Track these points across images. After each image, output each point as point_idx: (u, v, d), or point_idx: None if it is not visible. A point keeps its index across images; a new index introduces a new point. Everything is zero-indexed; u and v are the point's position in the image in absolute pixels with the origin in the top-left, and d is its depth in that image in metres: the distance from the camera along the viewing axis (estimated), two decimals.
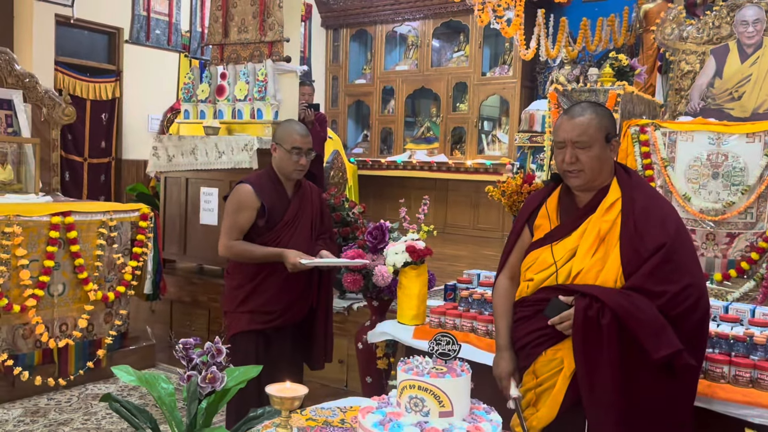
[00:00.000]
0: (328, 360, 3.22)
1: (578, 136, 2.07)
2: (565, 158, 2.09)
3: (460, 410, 1.68)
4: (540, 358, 2.10)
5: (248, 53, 5.37)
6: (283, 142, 2.93)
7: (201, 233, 5.23)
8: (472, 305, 2.98)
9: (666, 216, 2.06)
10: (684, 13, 5.53)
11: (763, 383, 2.30)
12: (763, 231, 4.22)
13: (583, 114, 2.10)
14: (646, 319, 1.92)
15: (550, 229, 2.17)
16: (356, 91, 10.12)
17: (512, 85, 8.72)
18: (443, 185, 8.98)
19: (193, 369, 2.11)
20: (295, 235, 2.99)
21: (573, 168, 2.09)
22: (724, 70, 5.20)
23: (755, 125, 4.40)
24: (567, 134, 2.09)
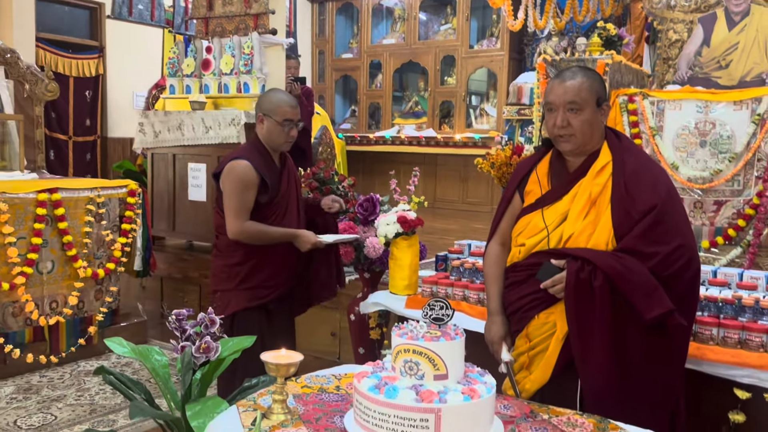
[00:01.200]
0: (342, 285, 3.24)
1: (570, 99, 2.06)
2: (556, 122, 2.09)
3: (455, 373, 1.70)
4: (533, 321, 2.11)
5: (233, 26, 5.31)
6: (273, 114, 2.88)
7: (190, 209, 5.20)
8: (464, 274, 2.99)
9: (657, 178, 2.07)
10: None
11: (750, 344, 2.33)
12: (749, 198, 4.25)
13: (574, 77, 2.10)
14: (637, 281, 1.93)
15: (540, 194, 2.18)
16: (343, 66, 10.03)
17: (500, 57, 8.67)
18: (432, 160, 8.96)
19: (186, 340, 2.12)
20: (288, 208, 2.98)
21: (564, 132, 2.09)
22: (712, 38, 5.19)
23: (742, 93, 4.41)
24: (558, 97, 2.08)
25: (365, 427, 1.66)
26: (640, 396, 1.98)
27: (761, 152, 4.20)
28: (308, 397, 1.93)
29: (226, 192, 2.88)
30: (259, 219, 2.89)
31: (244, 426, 1.74)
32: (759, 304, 2.42)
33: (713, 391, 2.34)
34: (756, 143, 4.22)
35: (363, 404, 1.67)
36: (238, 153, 2.93)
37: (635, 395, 1.98)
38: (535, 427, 1.76)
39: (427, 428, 1.59)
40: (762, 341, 2.32)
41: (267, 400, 1.87)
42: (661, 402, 2.03)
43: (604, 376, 1.97)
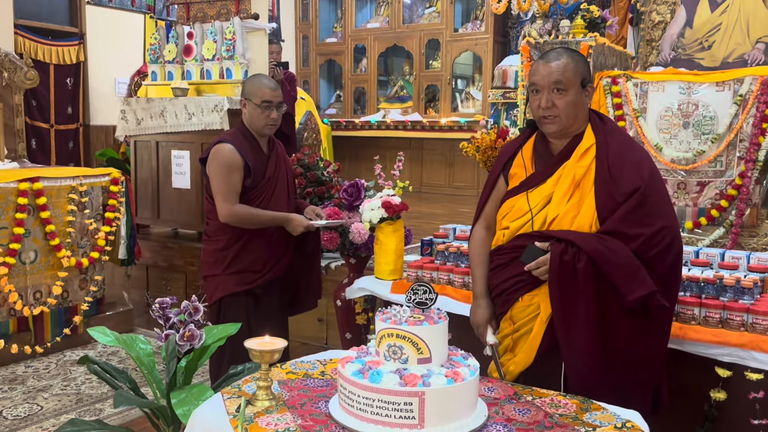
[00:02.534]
0: (320, 296, 3.25)
1: (555, 80, 2.06)
2: (540, 103, 2.08)
3: (438, 356, 1.70)
4: (517, 303, 2.12)
5: (215, 11, 5.25)
6: (253, 96, 2.87)
7: (174, 197, 5.17)
8: (449, 258, 3.00)
9: (640, 160, 2.08)
10: None
11: (732, 323, 2.36)
12: (732, 179, 4.28)
13: (559, 58, 2.09)
14: (620, 263, 1.95)
15: (525, 177, 2.18)
16: (327, 50, 9.97)
17: (485, 40, 8.65)
18: (418, 144, 8.96)
19: (170, 328, 2.11)
20: (276, 193, 2.97)
21: (549, 113, 2.08)
22: (695, 19, 5.21)
23: (724, 74, 4.42)
24: (543, 78, 2.08)
25: (350, 412, 1.67)
26: (623, 376, 2.00)
27: (743, 133, 4.22)
28: (293, 383, 1.93)
29: (212, 176, 2.88)
30: (245, 203, 2.89)
31: (229, 413, 1.74)
32: (740, 284, 2.44)
33: (695, 370, 2.37)
34: (738, 124, 4.24)
35: (347, 389, 1.67)
36: (223, 137, 2.92)
37: (619, 376, 2.00)
38: (519, 409, 1.77)
39: (411, 412, 1.60)
40: (742, 320, 2.34)
41: (252, 387, 1.87)
42: (644, 382, 2.05)
43: (588, 356, 1.98)
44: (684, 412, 2.36)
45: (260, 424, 1.66)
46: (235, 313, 2.86)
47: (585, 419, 1.72)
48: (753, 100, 4.19)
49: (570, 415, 1.74)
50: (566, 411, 1.77)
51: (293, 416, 1.71)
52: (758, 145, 4.16)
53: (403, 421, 1.60)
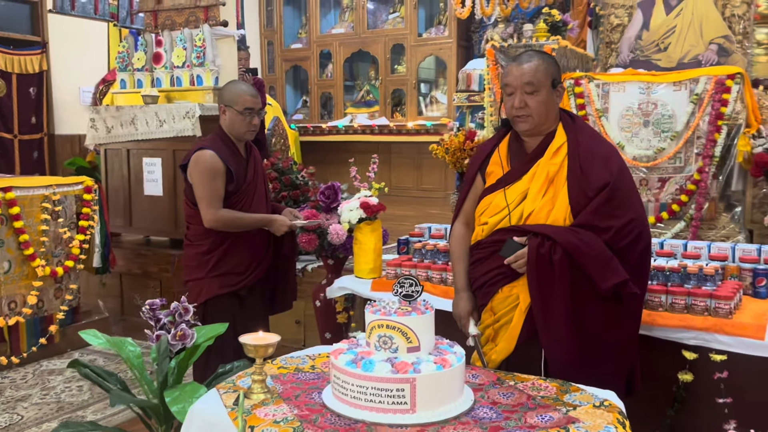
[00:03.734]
0: (295, 298, 3.32)
1: (526, 81, 2.17)
2: (514, 103, 2.20)
3: (426, 345, 1.79)
4: (497, 295, 2.22)
5: (183, 19, 5.28)
6: (234, 103, 2.93)
7: (146, 204, 5.17)
8: (426, 256, 3.10)
9: (608, 156, 2.20)
10: None
11: (696, 308, 2.50)
12: (690, 174, 4.47)
13: (530, 60, 2.21)
14: (594, 254, 2.06)
15: (501, 174, 2.28)
16: (293, 56, 10.01)
17: (448, 45, 8.79)
18: (386, 148, 9.04)
19: (161, 329, 2.16)
20: (256, 196, 3.03)
21: (522, 113, 2.19)
22: (651, 22, 5.41)
23: (681, 74, 4.62)
24: (515, 79, 2.19)
25: (344, 400, 1.75)
26: (599, 361, 2.12)
27: (700, 130, 4.42)
28: (285, 377, 2.00)
29: (195, 182, 2.92)
30: (228, 206, 2.94)
31: (227, 406, 1.80)
32: (702, 272, 2.59)
33: (663, 354, 2.50)
34: (695, 122, 4.44)
35: (341, 379, 1.75)
36: (203, 143, 2.97)
37: (595, 361, 2.11)
38: (502, 393, 1.87)
39: (403, 397, 1.68)
40: (706, 305, 2.48)
41: (246, 382, 1.94)
42: (619, 366, 2.17)
43: (566, 343, 2.09)
44: (655, 395, 2.49)
45: (258, 415, 1.73)
46: (220, 315, 2.90)
47: (565, 400, 1.82)
48: (708, 98, 4.38)
49: (551, 396, 1.85)
50: (547, 393, 1.87)
51: (289, 407, 1.78)
52: (714, 141, 4.36)
53: (395, 406, 1.68)
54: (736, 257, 2.85)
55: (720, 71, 4.46)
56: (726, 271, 2.74)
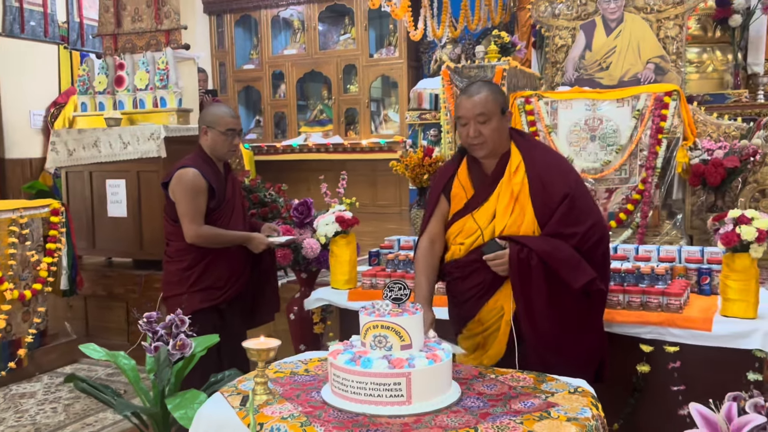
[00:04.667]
0: (278, 309, 3.43)
1: (479, 112, 2.37)
2: (469, 133, 2.39)
3: (417, 343, 1.96)
4: (484, 307, 2.42)
5: (144, 42, 5.35)
6: (216, 125, 3.05)
7: (110, 226, 5.19)
8: (398, 266, 3.27)
9: (564, 169, 2.43)
10: None
11: (650, 305, 2.74)
12: (635, 185, 4.79)
13: (479, 92, 2.40)
14: (564, 258, 2.28)
15: (467, 197, 2.46)
16: (245, 77, 10.12)
17: (399, 65, 9.06)
18: (340, 166, 9.14)
19: (158, 340, 2.27)
20: (234, 213, 3.15)
21: (477, 141, 2.39)
22: (593, 43, 5.76)
23: (623, 91, 4.95)
24: (468, 111, 2.39)
25: (344, 396, 1.89)
26: (574, 352, 2.33)
27: (642, 143, 4.74)
28: (283, 380, 2.14)
29: (178, 199, 3.02)
30: (209, 223, 3.04)
31: (234, 407, 1.92)
32: (654, 272, 2.84)
33: (623, 348, 2.72)
34: (637, 136, 4.77)
35: (341, 377, 1.90)
36: (185, 162, 3.07)
37: (571, 352, 2.33)
38: (486, 385, 2.05)
39: (400, 390, 1.84)
40: (659, 302, 2.73)
41: (247, 386, 2.06)
42: (591, 354, 2.40)
43: (547, 334, 2.31)
44: (616, 385, 2.70)
45: (266, 413, 1.86)
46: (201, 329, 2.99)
47: (543, 388, 2.01)
48: (648, 114, 4.72)
49: (530, 386, 2.04)
50: (526, 383, 2.06)
51: (293, 405, 1.91)
52: (656, 153, 4.69)
53: (393, 399, 1.84)
54: (682, 258, 3.12)
55: (658, 89, 4.81)
56: (674, 271, 3.00)
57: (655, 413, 2.71)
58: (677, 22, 5.51)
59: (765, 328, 2.55)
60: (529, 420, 1.77)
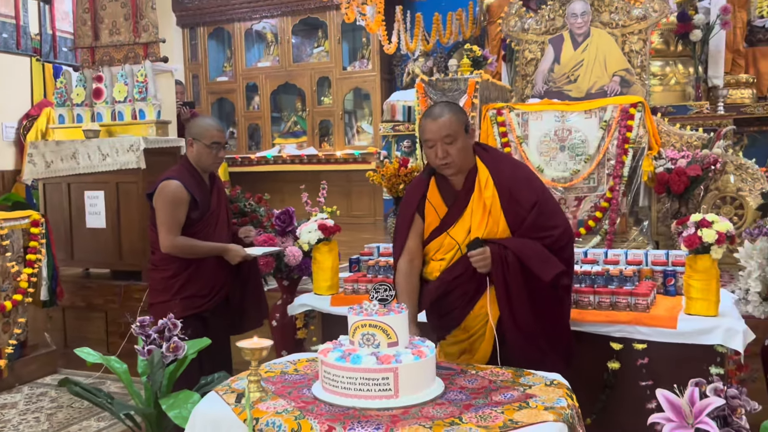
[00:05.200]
0: (266, 315, 3.50)
1: (444, 134, 2.47)
2: (437, 154, 2.49)
3: (403, 340, 2.07)
4: (469, 315, 2.55)
5: (122, 55, 5.41)
6: (202, 137, 3.13)
7: (89, 237, 5.21)
8: (379, 271, 3.38)
9: (530, 178, 2.58)
10: (524, 8, 6.25)
11: (619, 305, 2.89)
12: (603, 193, 4.98)
13: (442, 115, 2.50)
14: (534, 253, 2.44)
15: (440, 215, 2.58)
16: (218, 89, 10.18)
17: (372, 77, 9.21)
18: (315, 177, 9.28)
19: (151, 344, 2.34)
20: (218, 224, 3.23)
21: (445, 161, 2.50)
22: (561, 56, 5.98)
23: (591, 103, 5.15)
24: (434, 134, 2.49)
25: (335, 392, 2.00)
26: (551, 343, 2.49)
27: (609, 153, 4.94)
28: (274, 379, 2.23)
29: (158, 209, 3.09)
30: (191, 234, 3.11)
31: (229, 404, 2.01)
32: (623, 274, 2.99)
33: (594, 347, 2.87)
34: (605, 146, 4.96)
35: (331, 373, 2.00)
36: (170, 174, 3.14)
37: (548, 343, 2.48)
38: (467, 380, 2.17)
39: (388, 385, 1.95)
40: (627, 302, 2.88)
41: (240, 384, 2.15)
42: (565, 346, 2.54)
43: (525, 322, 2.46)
44: (588, 382, 2.84)
45: (260, 408, 1.95)
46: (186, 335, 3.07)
47: (521, 382, 2.14)
48: (615, 125, 4.92)
49: (509, 380, 2.16)
50: (505, 378, 2.18)
51: (286, 401, 2.01)
52: (622, 163, 4.89)
53: (381, 393, 1.95)
54: (648, 261, 3.29)
55: (624, 100, 5.02)
56: (641, 274, 3.16)
57: (626, 407, 2.85)
58: (641, 36, 5.75)
59: (725, 325, 2.72)
60: (509, 410, 1.89)
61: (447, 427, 1.78)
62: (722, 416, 1.64)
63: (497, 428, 1.78)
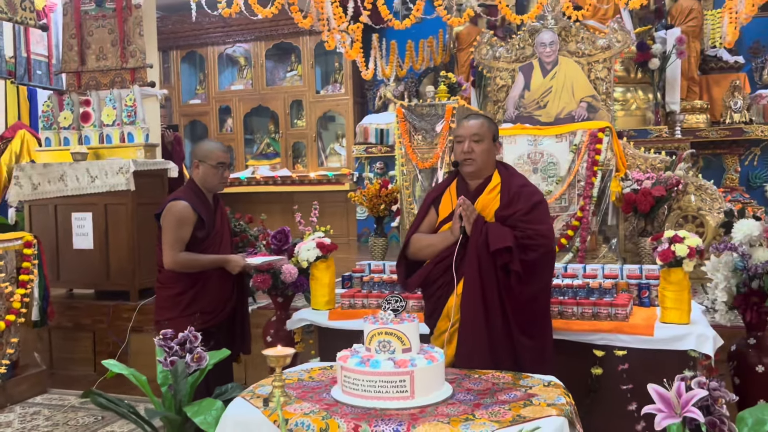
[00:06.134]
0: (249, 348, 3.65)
1: (474, 132, 2.80)
2: (463, 148, 2.79)
3: (416, 347, 2.27)
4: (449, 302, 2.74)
5: (108, 79, 5.53)
6: (208, 159, 3.30)
7: (76, 258, 5.28)
8: (373, 287, 3.58)
9: (533, 193, 2.82)
10: (495, 37, 6.57)
11: (600, 315, 3.14)
12: (574, 212, 5.27)
13: (477, 119, 2.88)
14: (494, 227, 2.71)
15: (452, 207, 2.83)
16: (191, 111, 10.30)
17: (345, 101, 9.45)
18: (288, 198, 9.46)
19: (173, 355, 2.49)
20: (223, 242, 3.39)
21: (469, 156, 2.78)
22: (531, 83, 6.29)
23: (561, 128, 5.47)
24: (466, 131, 2.81)
25: (355, 394, 2.18)
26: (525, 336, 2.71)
27: (579, 175, 5.24)
28: (293, 385, 2.40)
29: (165, 227, 3.25)
30: (200, 251, 3.27)
31: (258, 407, 2.17)
32: (602, 287, 3.25)
33: (578, 354, 3.10)
34: (575, 168, 5.26)
35: (351, 377, 2.18)
36: (177, 195, 3.30)
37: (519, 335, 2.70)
38: (472, 383, 2.37)
39: (405, 387, 2.14)
40: (608, 312, 3.13)
41: (264, 390, 2.32)
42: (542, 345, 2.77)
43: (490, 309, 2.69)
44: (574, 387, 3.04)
45: (288, 410, 2.12)
46: None
47: (521, 383, 2.35)
48: (585, 148, 5.23)
49: (510, 382, 2.37)
50: (506, 380, 2.39)
51: (310, 404, 2.18)
52: (592, 184, 5.19)
53: (399, 394, 2.14)
54: (624, 275, 3.55)
55: (593, 125, 5.34)
56: (618, 287, 3.42)
57: (608, 410, 3.08)
58: (606, 65, 6.10)
59: (697, 332, 2.98)
60: (516, 407, 2.10)
61: (463, 423, 1.98)
62: (705, 406, 1.88)
63: (508, 422, 1.98)
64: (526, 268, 2.67)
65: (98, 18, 5.56)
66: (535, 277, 2.72)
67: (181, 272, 3.27)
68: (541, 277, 2.75)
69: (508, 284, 2.67)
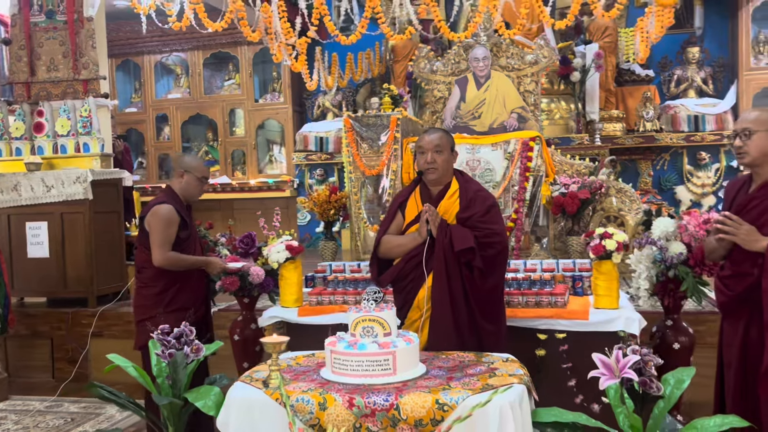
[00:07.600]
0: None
1: (436, 144, 3.14)
2: (426, 159, 3.14)
3: (395, 331, 2.61)
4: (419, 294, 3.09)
5: (60, 90, 5.62)
6: (194, 170, 3.56)
7: (31, 267, 5.35)
8: (338, 285, 3.90)
9: (487, 197, 3.21)
10: (432, 51, 7.00)
11: (542, 303, 3.57)
12: (509, 215, 5.73)
13: (437, 132, 3.23)
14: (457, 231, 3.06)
15: (417, 211, 3.19)
16: (127, 120, 10.29)
17: (284, 109, 9.71)
18: (228, 205, 9.62)
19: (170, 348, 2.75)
20: (197, 243, 3.65)
21: (431, 166, 3.14)
22: (466, 95, 6.75)
23: (496, 137, 5.94)
24: (428, 143, 3.16)
25: (344, 373, 2.50)
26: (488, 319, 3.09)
27: (513, 180, 5.72)
28: (284, 370, 2.69)
29: (152, 229, 3.48)
30: (180, 251, 3.53)
31: (260, 388, 2.46)
32: (542, 279, 3.69)
33: (525, 338, 3.52)
34: (509, 174, 5.74)
35: (341, 359, 2.50)
36: (161, 199, 3.55)
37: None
38: (442, 361, 2.73)
39: (388, 365, 2.48)
40: (549, 300, 3.56)
41: (260, 374, 2.60)
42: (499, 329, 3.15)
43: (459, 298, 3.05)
44: None
45: (288, 389, 2.42)
46: None
47: (483, 360, 2.73)
48: (518, 156, 5.72)
49: (474, 360, 2.75)
50: (470, 359, 2.77)
51: (305, 383, 2.48)
52: (525, 188, 5.68)
53: (383, 372, 2.47)
54: (560, 269, 4.01)
55: (524, 135, 5.84)
56: (555, 279, 3.87)
57: (552, 387, 3.50)
58: (534, 78, 6.63)
59: (625, 315, 3.45)
60: (483, 378, 2.47)
61: (442, 391, 2.34)
62: (638, 369, 2.30)
63: (479, 389, 2.35)
64: (486, 263, 3.06)
65: (48, 30, 5.64)
66: (494, 270, 3.11)
67: (164, 271, 3.50)
68: (498, 270, 3.14)
69: (471, 278, 3.04)
